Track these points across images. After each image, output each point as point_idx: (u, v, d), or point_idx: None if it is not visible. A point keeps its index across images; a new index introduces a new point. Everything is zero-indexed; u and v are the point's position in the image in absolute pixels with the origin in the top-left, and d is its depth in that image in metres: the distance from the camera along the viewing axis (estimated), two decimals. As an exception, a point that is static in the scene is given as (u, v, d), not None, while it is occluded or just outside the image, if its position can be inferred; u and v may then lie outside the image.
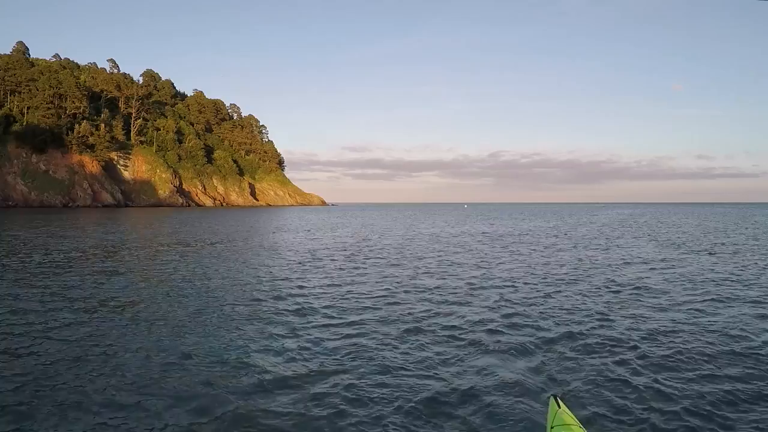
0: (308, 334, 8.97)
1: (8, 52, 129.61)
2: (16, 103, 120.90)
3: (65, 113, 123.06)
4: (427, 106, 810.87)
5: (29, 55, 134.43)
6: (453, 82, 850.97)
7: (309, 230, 42.68)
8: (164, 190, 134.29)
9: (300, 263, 19.55)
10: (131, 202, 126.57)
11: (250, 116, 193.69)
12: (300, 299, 12.08)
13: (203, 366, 7.31)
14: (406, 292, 13.28)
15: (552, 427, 4.59)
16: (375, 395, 6.27)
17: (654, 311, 11.06)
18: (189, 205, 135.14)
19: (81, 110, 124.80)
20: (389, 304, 11.69)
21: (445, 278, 15.80)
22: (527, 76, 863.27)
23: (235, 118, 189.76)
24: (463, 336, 8.95)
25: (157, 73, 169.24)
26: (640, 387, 6.54)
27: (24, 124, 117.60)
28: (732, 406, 6.03)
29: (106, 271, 16.94)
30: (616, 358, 7.73)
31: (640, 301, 12.28)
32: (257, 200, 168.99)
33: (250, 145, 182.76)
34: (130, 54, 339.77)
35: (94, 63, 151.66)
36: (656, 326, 9.70)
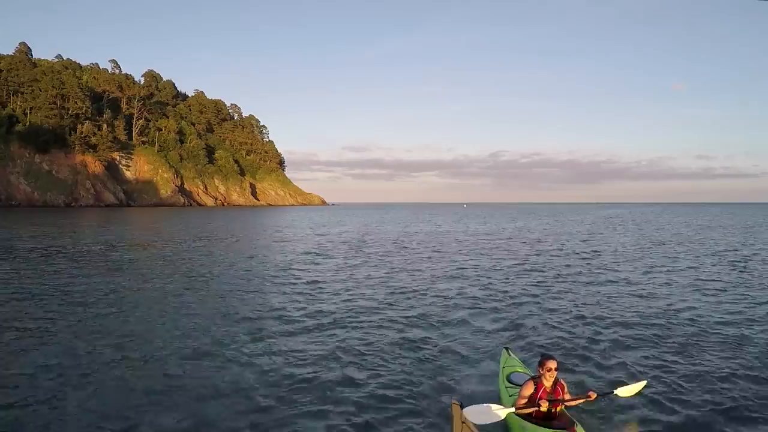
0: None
1: (11, 53, 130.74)
2: (19, 103, 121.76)
3: (68, 114, 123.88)
4: (427, 106, 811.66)
5: (32, 55, 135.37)
6: (453, 82, 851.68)
7: (322, 227, 44.78)
8: (166, 190, 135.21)
9: (315, 254, 22.41)
10: (133, 201, 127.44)
11: (251, 116, 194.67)
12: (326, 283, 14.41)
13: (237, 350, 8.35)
14: (400, 274, 17.03)
15: (503, 368, 6.67)
16: (371, 337, 9.24)
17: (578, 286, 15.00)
18: (191, 205, 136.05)
19: (83, 111, 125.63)
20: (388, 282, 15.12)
21: (426, 265, 19.94)
22: (527, 76, 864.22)
23: (235, 118, 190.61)
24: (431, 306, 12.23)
25: (159, 74, 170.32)
26: (564, 334, 9.56)
27: (27, 124, 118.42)
28: (626, 350, 8.60)
29: (148, 267, 18.02)
30: (551, 317, 10.88)
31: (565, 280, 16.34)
32: (258, 200, 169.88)
33: (251, 145, 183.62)
34: (130, 54, 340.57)
35: (96, 63, 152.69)
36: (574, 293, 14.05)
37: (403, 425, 5.68)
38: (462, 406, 4.75)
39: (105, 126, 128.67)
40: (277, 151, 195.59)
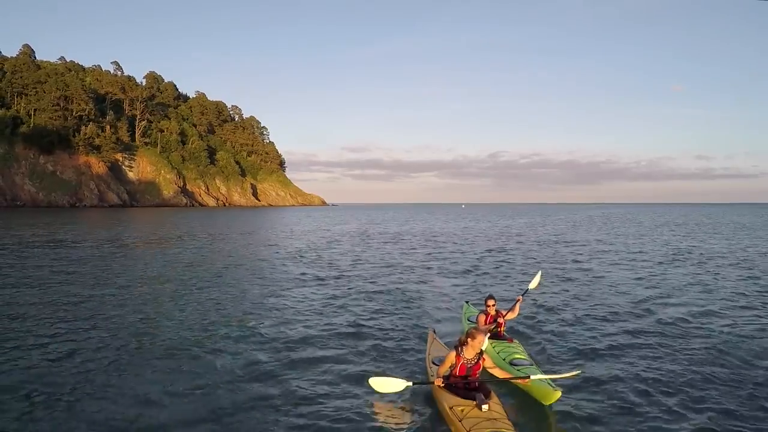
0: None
1: (14, 55, 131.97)
2: (23, 105, 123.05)
3: (72, 115, 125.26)
4: (427, 107, 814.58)
5: (35, 57, 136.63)
6: (452, 82, 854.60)
7: (330, 224, 47.22)
8: (168, 191, 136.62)
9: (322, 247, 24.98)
10: (136, 202, 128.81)
11: (252, 118, 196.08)
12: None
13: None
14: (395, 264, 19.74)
15: (465, 314, 9.41)
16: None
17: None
18: (192, 206, 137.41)
19: (87, 112, 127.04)
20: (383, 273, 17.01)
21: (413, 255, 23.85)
22: (527, 77, 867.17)
23: (236, 119, 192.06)
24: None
25: (160, 75, 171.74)
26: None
27: (31, 125, 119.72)
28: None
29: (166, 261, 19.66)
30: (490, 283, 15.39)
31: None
32: (259, 201, 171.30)
33: (252, 146, 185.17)
34: (130, 55, 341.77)
35: (99, 65, 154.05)
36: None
37: (394, 341, 8.64)
38: (435, 332, 7.74)
39: (108, 127, 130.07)
40: (277, 153, 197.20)
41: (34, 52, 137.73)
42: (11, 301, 11.62)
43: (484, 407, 5.15)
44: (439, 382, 5.76)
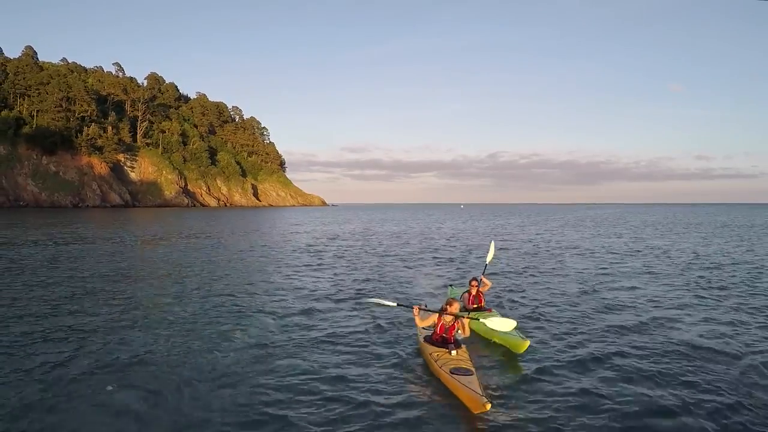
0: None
1: (17, 56, 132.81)
2: (25, 106, 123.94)
3: (74, 116, 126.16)
4: (426, 107, 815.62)
5: (37, 58, 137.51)
6: (452, 82, 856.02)
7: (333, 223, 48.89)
8: (170, 191, 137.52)
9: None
10: (138, 202, 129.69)
11: (252, 118, 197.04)
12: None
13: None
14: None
15: (449, 295, 11.05)
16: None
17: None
18: (194, 206, 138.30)
19: (89, 113, 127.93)
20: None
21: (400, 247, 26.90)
22: (526, 77, 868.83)
23: (237, 120, 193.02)
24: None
25: (161, 76, 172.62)
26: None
27: (34, 126, 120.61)
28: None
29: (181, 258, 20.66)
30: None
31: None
32: (259, 201, 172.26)
33: (252, 146, 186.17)
34: (130, 56, 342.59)
35: (100, 66, 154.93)
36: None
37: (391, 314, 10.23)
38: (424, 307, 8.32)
39: (110, 128, 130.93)
40: (278, 153, 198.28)
41: (36, 53, 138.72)
42: (82, 293, 12.72)
43: (453, 353, 7.04)
44: (416, 310, 8.03)
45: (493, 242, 12.29)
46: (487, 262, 11.77)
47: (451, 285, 12.65)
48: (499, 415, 5.76)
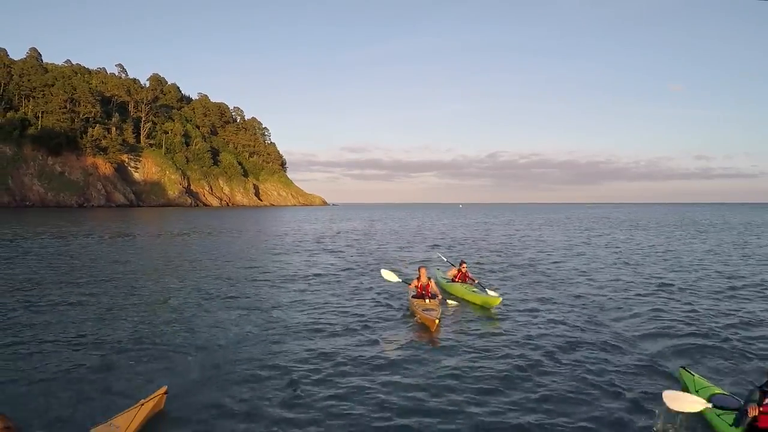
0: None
1: (22, 58, 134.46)
2: (30, 107, 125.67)
3: (79, 117, 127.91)
4: (426, 107, 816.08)
5: (42, 60, 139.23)
6: (452, 82, 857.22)
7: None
8: (173, 191, 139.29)
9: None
10: (142, 202, 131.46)
11: (253, 119, 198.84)
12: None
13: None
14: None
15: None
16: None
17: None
18: (197, 205, 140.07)
19: (93, 114, 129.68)
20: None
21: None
22: (526, 77, 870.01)
23: (238, 121, 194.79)
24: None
25: (163, 77, 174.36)
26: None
27: (39, 127, 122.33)
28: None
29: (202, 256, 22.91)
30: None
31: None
32: (261, 200, 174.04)
33: (254, 147, 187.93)
34: (130, 56, 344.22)
35: (104, 68, 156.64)
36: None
37: (389, 286, 11.32)
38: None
39: (114, 129, 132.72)
40: (279, 153, 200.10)
41: (40, 55, 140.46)
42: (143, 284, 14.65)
43: (428, 300, 11.16)
44: (411, 286, 11.90)
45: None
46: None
47: (438, 268, 16.18)
48: (461, 355, 8.46)
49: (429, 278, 11.66)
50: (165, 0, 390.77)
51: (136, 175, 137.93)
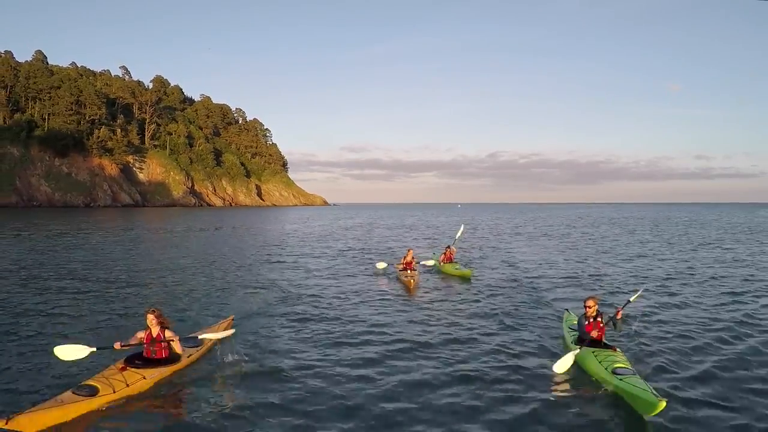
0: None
1: (27, 60, 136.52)
2: (37, 109, 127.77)
3: (85, 119, 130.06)
4: (426, 106, 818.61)
5: (47, 62, 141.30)
6: (452, 82, 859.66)
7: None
8: (178, 191, 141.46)
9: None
10: (147, 202, 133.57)
11: (255, 120, 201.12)
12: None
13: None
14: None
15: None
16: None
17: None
18: (201, 205, 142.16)
19: (99, 116, 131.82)
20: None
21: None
22: (526, 77, 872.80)
23: (240, 122, 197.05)
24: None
25: (167, 79, 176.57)
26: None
27: (46, 129, 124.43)
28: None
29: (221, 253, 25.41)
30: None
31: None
32: (263, 201, 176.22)
33: (256, 148, 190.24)
34: (131, 56, 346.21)
35: (108, 70, 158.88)
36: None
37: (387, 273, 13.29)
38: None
39: (119, 131, 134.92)
40: (280, 154, 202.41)
41: (46, 57, 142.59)
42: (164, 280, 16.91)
43: (409, 272, 15.49)
44: (401, 262, 16.24)
45: (462, 225, 20.04)
46: (456, 237, 19.94)
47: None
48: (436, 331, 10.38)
49: (413, 258, 15.97)
50: (165, 0, 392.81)
51: (141, 176, 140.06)
